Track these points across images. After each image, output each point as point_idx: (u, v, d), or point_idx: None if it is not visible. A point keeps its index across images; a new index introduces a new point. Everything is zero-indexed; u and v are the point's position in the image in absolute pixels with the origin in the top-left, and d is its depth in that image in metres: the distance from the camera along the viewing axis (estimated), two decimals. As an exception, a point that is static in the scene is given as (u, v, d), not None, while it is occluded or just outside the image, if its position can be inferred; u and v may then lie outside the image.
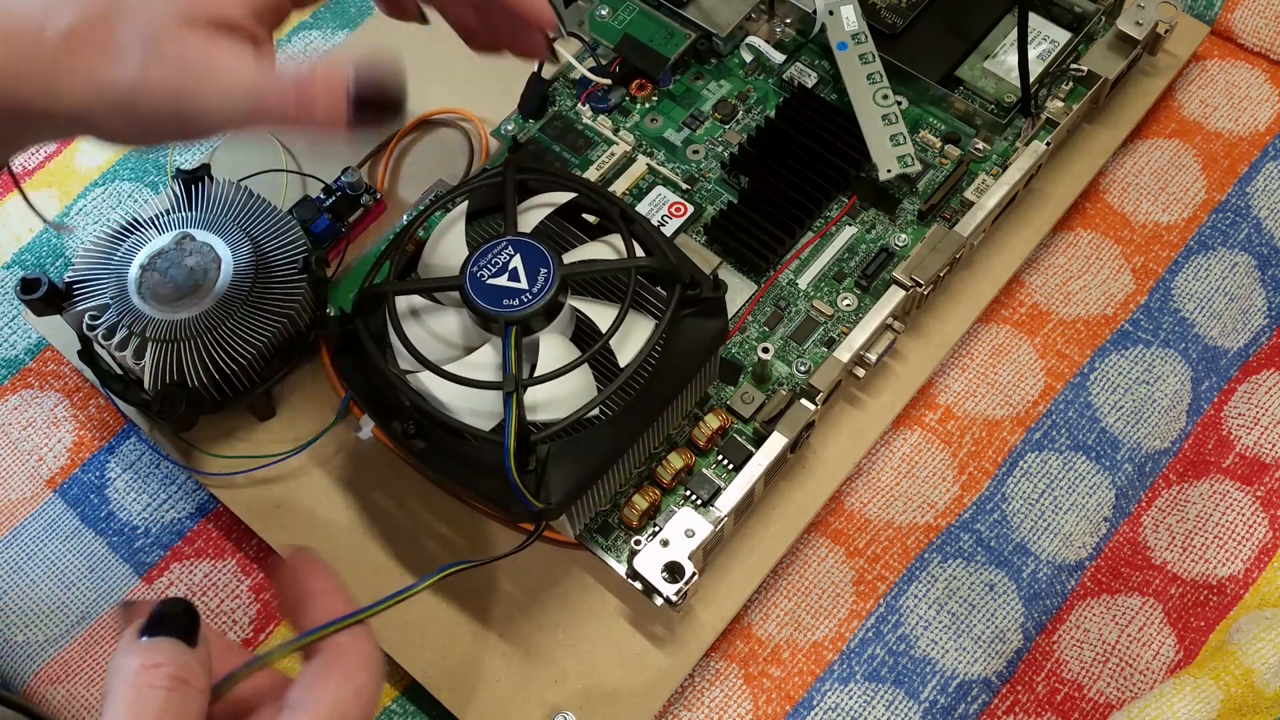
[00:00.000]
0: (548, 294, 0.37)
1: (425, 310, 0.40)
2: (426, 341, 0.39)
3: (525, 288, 0.37)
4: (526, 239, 0.38)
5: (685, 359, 0.39)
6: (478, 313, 0.38)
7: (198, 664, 0.29)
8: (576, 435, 0.37)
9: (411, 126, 0.52)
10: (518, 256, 0.38)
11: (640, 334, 0.39)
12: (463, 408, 0.37)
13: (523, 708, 0.41)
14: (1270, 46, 0.54)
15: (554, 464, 0.37)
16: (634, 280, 0.38)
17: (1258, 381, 0.48)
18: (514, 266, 0.38)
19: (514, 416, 0.35)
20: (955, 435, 0.47)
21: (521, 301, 0.37)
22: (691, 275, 0.40)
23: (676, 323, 0.39)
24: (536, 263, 0.38)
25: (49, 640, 0.44)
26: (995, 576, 0.44)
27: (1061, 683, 0.43)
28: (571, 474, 0.37)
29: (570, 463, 0.37)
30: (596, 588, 0.43)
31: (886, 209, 0.49)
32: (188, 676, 0.28)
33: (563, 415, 0.37)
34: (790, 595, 0.44)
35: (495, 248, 0.38)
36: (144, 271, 0.43)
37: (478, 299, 0.37)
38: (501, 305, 0.37)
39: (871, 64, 0.49)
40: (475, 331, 0.39)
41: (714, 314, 0.40)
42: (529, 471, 0.36)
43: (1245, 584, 0.44)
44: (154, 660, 0.28)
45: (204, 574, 0.46)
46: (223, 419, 0.46)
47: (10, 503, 0.47)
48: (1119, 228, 0.51)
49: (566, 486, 0.37)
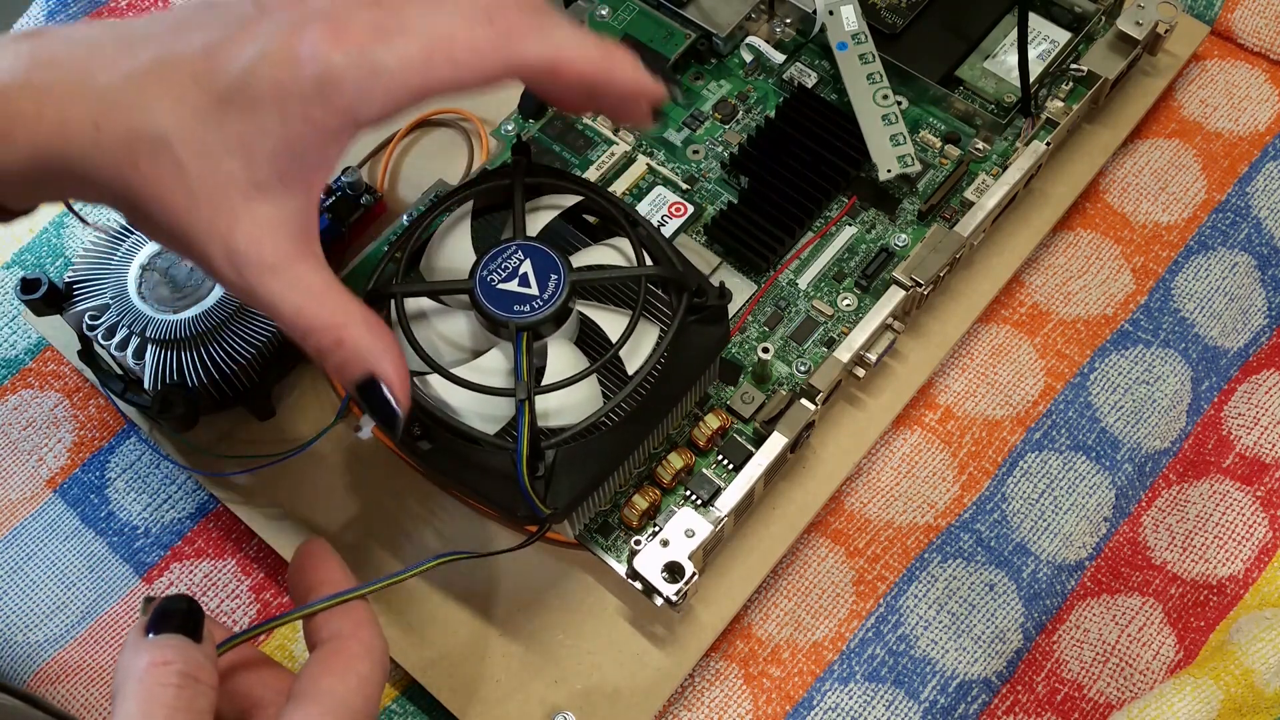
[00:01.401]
0: (559, 300, 0.37)
1: (430, 312, 0.40)
2: (432, 344, 0.39)
3: (536, 293, 0.37)
4: (537, 244, 0.38)
5: (689, 365, 0.40)
6: (488, 317, 0.38)
7: (205, 659, 0.29)
8: (583, 441, 0.38)
9: (411, 126, 0.52)
10: (528, 261, 0.38)
11: (647, 341, 0.39)
12: (469, 411, 0.37)
13: (523, 708, 0.41)
14: (1270, 46, 0.54)
15: (561, 469, 0.37)
16: (644, 287, 0.38)
17: (1258, 381, 0.48)
18: (524, 272, 0.38)
19: (526, 423, 0.35)
20: (955, 435, 0.47)
21: (532, 307, 0.37)
22: (699, 284, 0.40)
23: (682, 330, 0.39)
24: (547, 268, 0.38)
25: (49, 640, 0.44)
26: (995, 576, 0.44)
27: (1061, 683, 0.43)
28: (578, 479, 0.37)
29: (576, 468, 0.37)
30: (596, 588, 0.43)
31: (886, 209, 0.49)
32: (197, 673, 0.29)
33: (571, 421, 0.37)
34: (790, 595, 0.44)
35: (505, 252, 0.38)
36: (144, 271, 0.44)
37: (488, 304, 0.37)
38: (512, 311, 0.37)
39: (871, 64, 0.49)
40: (483, 335, 0.39)
41: (717, 320, 0.40)
42: (538, 477, 0.37)
43: (1245, 584, 0.44)
44: (163, 658, 0.28)
45: (204, 574, 0.46)
46: (223, 419, 0.46)
47: (10, 503, 0.47)
48: (1119, 228, 0.51)
49: (573, 491, 0.37)
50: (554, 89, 0.34)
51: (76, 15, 0.57)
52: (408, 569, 0.35)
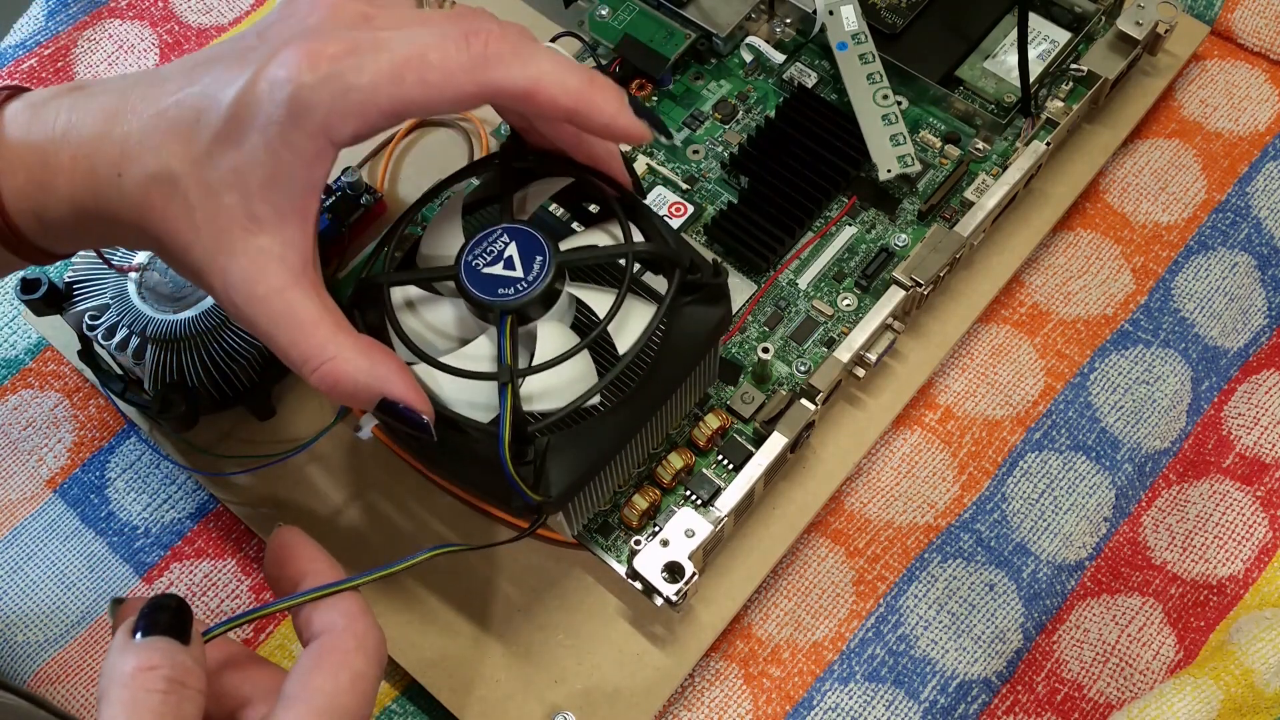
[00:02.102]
0: (543, 281, 0.37)
1: (422, 302, 0.39)
2: (424, 334, 0.39)
3: (521, 276, 0.37)
4: (522, 226, 0.38)
5: (687, 348, 0.39)
6: (473, 302, 0.37)
7: (193, 663, 0.29)
8: (577, 427, 0.37)
9: (411, 127, 0.52)
10: (513, 244, 0.37)
11: (639, 320, 0.38)
12: (461, 400, 0.37)
13: (523, 708, 0.41)
14: (1270, 46, 0.54)
15: (554, 456, 0.36)
16: (631, 264, 0.38)
17: (1258, 381, 0.48)
18: (509, 254, 0.37)
19: (509, 407, 0.35)
20: (955, 435, 0.47)
21: (517, 290, 0.36)
22: (692, 260, 0.39)
23: (677, 310, 0.38)
24: (532, 250, 0.37)
25: (49, 640, 0.44)
26: (995, 576, 0.44)
27: (1061, 683, 0.43)
28: (572, 466, 0.37)
29: (571, 455, 0.37)
30: (596, 588, 0.43)
31: (886, 209, 0.49)
32: (184, 678, 0.28)
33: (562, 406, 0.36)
34: (790, 595, 0.44)
35: (490, 235, 0.37)
36: (144, 271, 0.44)
37: (472, 288, 0.37)
38: (496, 294, 0.37)
39: (871, 64, 0.49)
40: (473, 322, 0.38)
41: (715, 301, 0.39)
42: (527, 463, 0.36)
43: (1245, 584, 0.44)
44: (149, 662, 0.28)
45: (204, 574, 0.46)
46: (223, 419, 0.46)
47: (10, 503, 0.47)
48: (1119, 228, 0.51)
49: (567, 479, 0.37)
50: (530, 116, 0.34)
51: (76, 15, 0.57)
52: (402, 560, 0.35)
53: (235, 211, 0.31)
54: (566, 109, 0.33)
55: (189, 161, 0.31)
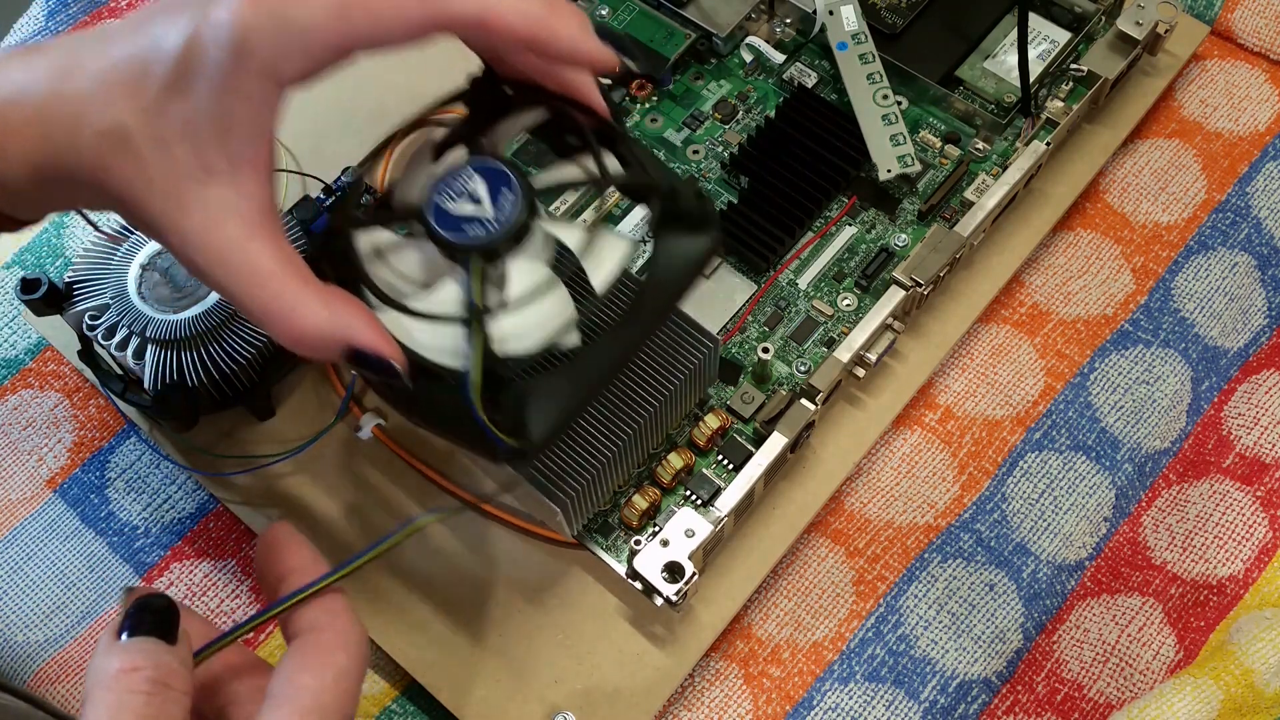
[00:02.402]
0: (513, 218, 0.34)
1: (392, 249, 0.37)
2: (396, 282, 0.36)
3: (490, 214, 0.35)
4: (489, 161, 0.36)
5: (672, 278, 0.36)
6: (439, 243, 0.35)
7: (178, 664, 0.28)
8: (556, 368, 0.35)
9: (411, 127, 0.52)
10: (481, 181, 0.35)
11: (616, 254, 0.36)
12: (435, 346, 0.34)
13: (523, 707, 0.41)
14: (1270, 46, 0.54)
15: (533, 399, 0.34)
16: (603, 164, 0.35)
17: (1258, 381, 0.48)
18: (478, 192, 0.35)
19: (477, 347, 0.33)
20: (955, 435, 0.47)
21: (486, 228, 0.34)
22: (672, 187, 0.36)
23: (658, 240, 0.36)
24: (500, 185, 0.35)
25: (49, 640, 0.44)
26: (995, 576, 0.44)
27: (1061, 683, 0.43)
28: (552, 408, 0.35)
29: (550, 396, 0.35)
30: (596, 588, 0.43)
31: (886, 209, 0.49)
32: (168, 679, 0.28)
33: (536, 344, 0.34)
34: (790, 595, 0.44)
35: (458, 174, 0.35)
36: (144, 271, 0.44)
37: (439, 228, 0.35)
38: (463, 232, 0.35)
39: (871, 64, 0.49)
40: (445, 266, 0.36)
41: (700, 228, 0.36)
42: (502, 406, 0.34)
43: (1245, 584, 0.44)
44: (133, 663, 0.28)
45: (204, 574, 0.46)
46: (223, 419, 0.46)
47: (10, 503, 0.47)
48: (1119, 228, 0.51)
49: (548, 422, 0.34)
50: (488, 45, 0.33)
51: (76, 15, 0.57)
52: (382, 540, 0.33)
53: (188, 163, 0.30)
54: (524, 36, 0.32)
55: (139, 114, 0.30)
